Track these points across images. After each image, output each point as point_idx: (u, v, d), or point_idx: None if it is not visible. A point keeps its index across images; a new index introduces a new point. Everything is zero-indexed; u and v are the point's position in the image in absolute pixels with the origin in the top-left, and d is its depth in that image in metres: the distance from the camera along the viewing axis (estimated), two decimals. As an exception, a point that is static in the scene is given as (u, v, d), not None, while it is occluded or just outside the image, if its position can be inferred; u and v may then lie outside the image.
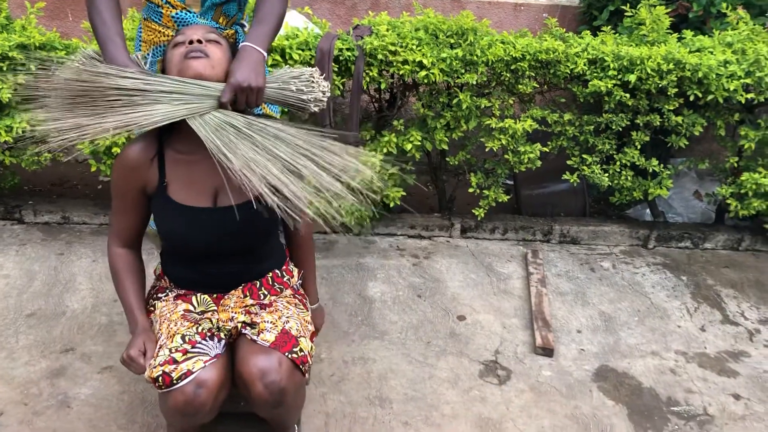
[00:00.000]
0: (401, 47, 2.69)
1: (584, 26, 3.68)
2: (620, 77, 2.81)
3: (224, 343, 1.59)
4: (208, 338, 1.56)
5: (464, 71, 2.75)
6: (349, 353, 2.30)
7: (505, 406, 2.12)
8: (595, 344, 2.46)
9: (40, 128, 1.47)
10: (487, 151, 3.00)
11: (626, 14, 3.16)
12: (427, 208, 3.34)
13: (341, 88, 2.74)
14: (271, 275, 1.71)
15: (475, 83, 2.76)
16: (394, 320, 2.50)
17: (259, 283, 1.68)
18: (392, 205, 2.94)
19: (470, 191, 3.08)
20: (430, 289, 2.73)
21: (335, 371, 2.20)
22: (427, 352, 2.34)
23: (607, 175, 3.03)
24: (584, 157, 3.03)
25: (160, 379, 1.45)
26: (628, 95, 2.83)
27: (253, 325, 1.60)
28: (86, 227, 3.01)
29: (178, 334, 1.54)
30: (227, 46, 1.59)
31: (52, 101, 1.50)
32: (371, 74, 2.71)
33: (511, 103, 2.92)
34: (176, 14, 1.75)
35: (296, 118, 1.67)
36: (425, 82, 2.73)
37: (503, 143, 2.91)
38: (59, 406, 1.98)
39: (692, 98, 2.82)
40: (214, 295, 1.66)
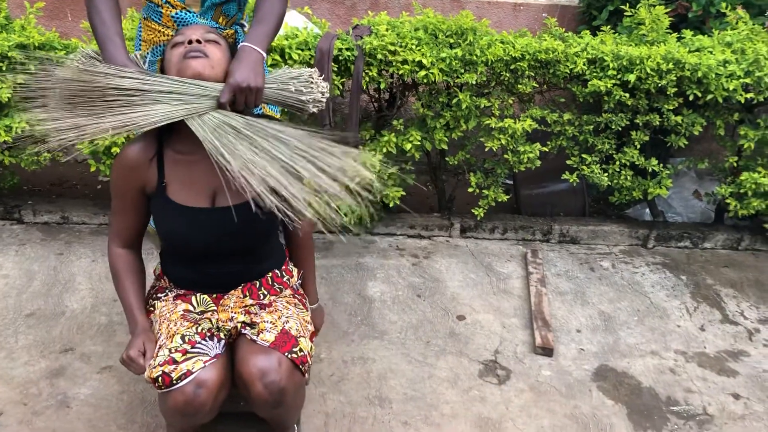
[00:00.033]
0: (401, 47, 2.69)
1: (583, 26, 3.68)
2: (620, 77, 2.81)
3: (224, 343, 1.59)
4: (207, 338, 1.56)
5: (464, 71, 2.75)
6: (348, 353, 2.30)
7: (504, 405, 2.12)
8: (594, 344, 2.46)
9: (38, 128, 1.47)
10: (486, 150, 3.00)
11: (626, 14, 3.16)
12: (426, 207, 3.34)
13: (341, 87, 2.74)
14: (270, 275, 1.71)
15: (474, 83, 2.76)
16: (393, 320, 2.50)
17: (258, 283, 1.68)
18: (392, 204, 2.94)
19: (470, 191, 3.08)
20: (429, 288, 2.73)
21: (335, 371, 2.20)
22: (426, 351, 2.34)
23: (606, 174, 3.03)
24: (584, 156, 3.03)
25: (159, 379, 1.45)
26: (627, 95, 2.83)
27: (252, 325, 1.60)
28: (85, 227, 3.01)
29: (177, 334, 1.54)
30: (226, 46, 1.59)
31: (50, 101, 1.50)
32: (371, 74, 2.70)
33: (510, 102, 2.92)
34: (176, 14, 1.75)
35: (296, 118, 1.67)
36: (425, 81, 2.73)
37: (503, 143, 2.92)
38: (59, 406, 1.98)
39: (692, 98, 2.82)
40: (213, 295, 1.66)
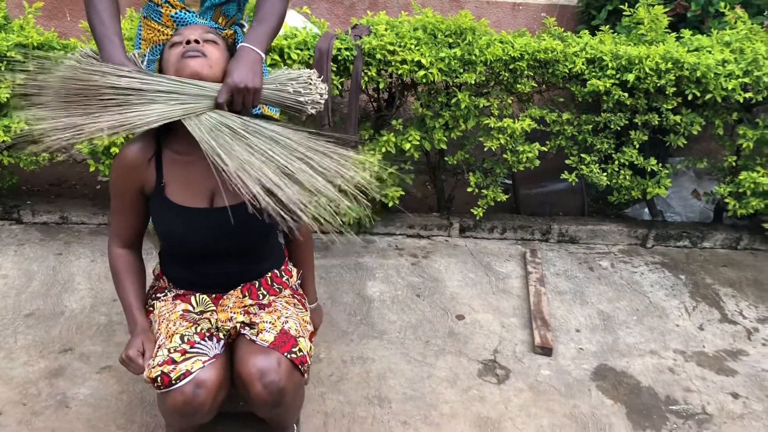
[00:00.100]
0: (400, 47, 2.69)
1: (582, 26, 3.68)
2: (618, 76, 2.81)
3: (223, 343, 1.59)
4: (206, 338, 1.56)
5: (463, 71, 2.75)
6: (347, 353, 2.30)
7: (503, 405, 2.12)
8: (593, 343, 2.46)
9: (35, 127, 1.47)
10: (485, 150, 3.00)
11: (624, 13, 3.16)
12: (425, 207, 3.34)
13: (340, 87, 2.74)
14: (270, 275, 1.71)
15: (473, 83, 2.76)
16: (392, 320, 2.50)
17: (258, 283, 1.68)
18: (391, 204, 2.94)
19: (469, 191, 3.08)
20: (428, 288, 2.73)
21: (334, 371, 2.20)
22: (425, 351, 2.34)
23: (605, 174, 3.03)
24: (583, 156, 3.03)
25: (158, 379, 1.45)
26: (626, 94, 2.83)
27: (252, 325, 1.60)
28: (85, 227, 3.01)
29: (176, 334, 1.54)
30: (225, 46, 1.58)
31: (47, 100, 1.50)
32: (370, 74, 2.70)
33: (509, 102, 2.92)
34: (175, 14, 1.75)
35: (295, 118, 1.67)
36: (424, 81, 2.73)
37: (502, 143, 2.92)
38: (58, 406, 1.98)
39: (690, 97, 2.82)
40: (212, 295, 1.66)
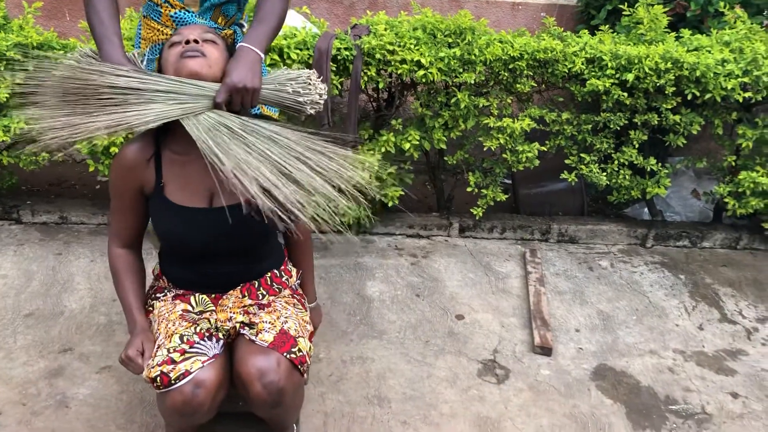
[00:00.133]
0: (399, 46, 2.68)
1: (582, 25, 3.68)
2: (618, 76, 2.81)
3: (222, 343, 1.59)
4: (206, 338, 1.56)
5: (462, 70, 2.75)
6: (347, 353, 2.30)
7: (503, 405, 2.12)
8: (593, 343, 2.46)
9: (33, 127, 1.47)
10: (485, 150, 3.00)
11: (624, 13, 3.16)
12: (425, 207, 3.34)
13: (339, 87, 2.74)
14: (269, 275, 1.71)
15: (473, 82, 2.76)
16: (392, 320, 2.50)
17: (257, 283, 1.68)
18: (390, 204, 2.94)
19: (468, 190, 3.08)
20: (428, 288, 2.73)
21: (334, 371, 2.20)
22: (425, 351, 2.34)
23: (605, 174, 3.03)
24: (582, 156, 3.03)
25: (158, 379, 1.45)
26: (626, 94, 2.83)
27: (251, 325, 1.60)
28: (84, 227, 3.01)
29: (176, 333, 1.54)
30: (224, 46, 1.58)
31: (46, 99, 1.50)
32: (369, 74, 2.70)
33: (509, 102, 2.92)
34: (175, 14, 1.75)
35: (294, 118, 1.66)
36: (423, 81, 2.72)
37: (501, 142, 2.92)
38: (57, 406, 1.98)
39: (690, 97, 2.82)
40: (212, 295, 1.66)
